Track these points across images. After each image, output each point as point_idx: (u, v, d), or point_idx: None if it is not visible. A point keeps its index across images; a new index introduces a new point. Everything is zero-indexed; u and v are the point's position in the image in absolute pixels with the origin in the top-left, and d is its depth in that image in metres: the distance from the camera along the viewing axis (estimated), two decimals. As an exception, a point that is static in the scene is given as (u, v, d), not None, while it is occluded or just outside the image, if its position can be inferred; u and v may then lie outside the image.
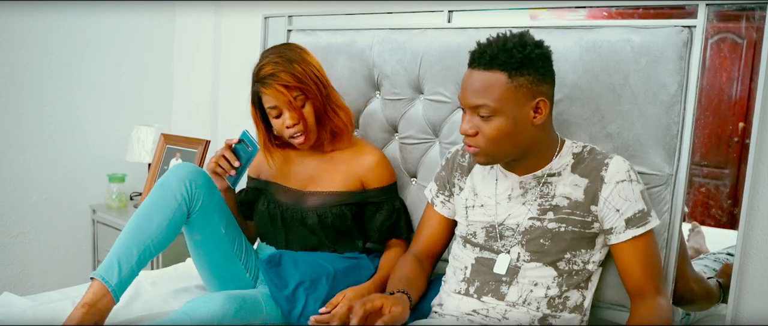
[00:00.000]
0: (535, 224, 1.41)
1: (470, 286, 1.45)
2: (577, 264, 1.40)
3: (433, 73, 1.81)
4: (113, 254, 1.49)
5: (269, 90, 1.64)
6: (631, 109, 1.49)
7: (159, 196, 1.57)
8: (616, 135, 1.51)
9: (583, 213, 1.38)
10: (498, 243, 1.45)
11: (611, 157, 1.39)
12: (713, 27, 1.42)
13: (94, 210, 2.76)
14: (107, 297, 1.45)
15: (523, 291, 1.40)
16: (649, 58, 1.46)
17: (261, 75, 1.66)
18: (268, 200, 1.80)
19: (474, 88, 1.32)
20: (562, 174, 1.41)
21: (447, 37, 1.80)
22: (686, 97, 1.45)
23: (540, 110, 1.33)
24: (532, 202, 1.42)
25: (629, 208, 1.35)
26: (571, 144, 1.44)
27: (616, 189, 1.35)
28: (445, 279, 1.54)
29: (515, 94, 1.30)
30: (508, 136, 1.33)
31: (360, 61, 1.97)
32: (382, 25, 1.99)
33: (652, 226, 1.37)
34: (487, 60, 1.30)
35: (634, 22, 1.52)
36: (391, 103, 1.91)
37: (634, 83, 1.48)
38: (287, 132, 1.68)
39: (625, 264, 1.38)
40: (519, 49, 1.29)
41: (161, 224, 1.54)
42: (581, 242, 1.40)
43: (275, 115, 1.68)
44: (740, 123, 2.30)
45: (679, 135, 1.46)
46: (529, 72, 1.30)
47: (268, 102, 1.67)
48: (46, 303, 1.68)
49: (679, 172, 1.47)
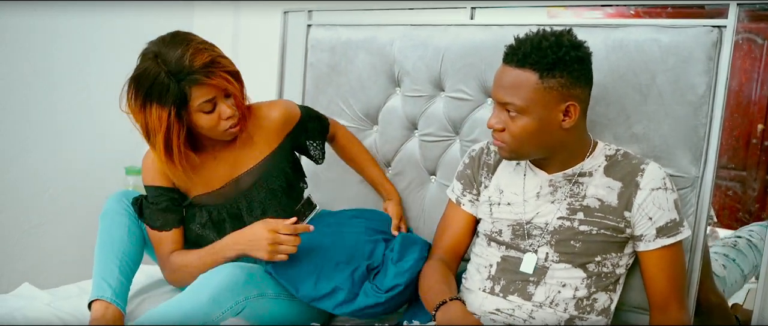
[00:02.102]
0: (565, 224, 1.38)
1: (496, 285, 1.43)
2: (606, 267, 1.38)
3: (455, 70, 1.79)
4: (96, 276, 1.53)
5: (214, 79, 1.45)
6: (657, 109, 1.47)
7: (108, 220, 1.61)
8: (642, 136, 1.49)
9: (616, 217, 1.35)
10: (525, 241, 1.42)
11: (647, 162, 1.37)
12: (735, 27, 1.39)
13: (112, 203, 2.77)
14: (111, 308, 1.46)
15: (551, 292, 1.38)
16: (677, 58, 1.43)
17: (197, 65, 1.43)
18: (205, 210, 1.64)
19: (504, 85, 1.30)
20: (594, 174, 1.39)
21: (469, 34, 1.79)
22: (714, 99, 1.43)
23: (570, 114, 1.30)
24: (562, 201, 1.40)
25: (662, 217, 1.33)
26: (604, 146, 1.42)
27: (651, 196, 1.33)
28: (466, 276, 1.52)
29: (545, 96, 1.27)
30: (533, 136, 1.31)
31: (380, 56, 1.95)
32: (403, 21, 1.97)
33: (682, 237, 1.35)
34: (520, 57, 1.28)
35: (663, 22, 1.50)
36: (411, 99, 1.90)
37: (661, 83, 1.46)
38: (222, 125, 1.51)
39: (651, 273, 1.36)
40: (553, 50, 1.25)
41: (123, 237, 1.57)
42: (612, 246, 1.37)
43: (208, 110, 1.49)
44: (759, 125, 2.27)
45: (706, 137, 1.44)
46: (561, 74, 1.26)
47: (205, 95, 1.46)
48: (65, 297, 1.70)
49: (705, 175, 1.45)
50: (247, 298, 1.45)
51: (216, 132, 1.53)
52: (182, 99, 1.45)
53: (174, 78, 1.44)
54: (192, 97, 1.45)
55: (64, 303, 1.66)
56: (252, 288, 1.47)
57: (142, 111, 1.48)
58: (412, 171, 1.91)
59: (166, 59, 1.45)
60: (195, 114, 1.49)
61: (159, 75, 1.44)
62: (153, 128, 1.48)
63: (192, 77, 1.44)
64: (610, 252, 1.38)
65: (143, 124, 1.51)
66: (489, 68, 1.71)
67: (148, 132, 1.51)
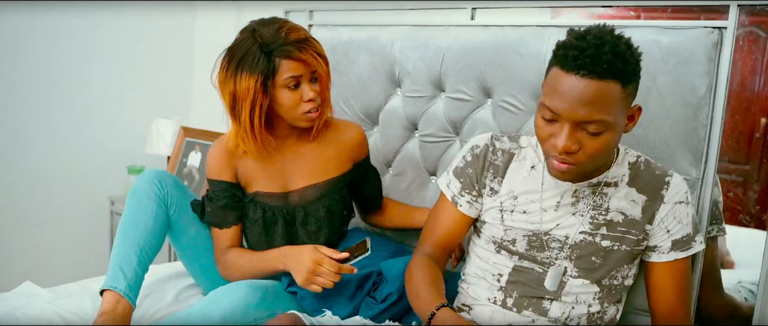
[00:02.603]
0: (587, 239, 1.30)
1: (508, 297, 1.35)
2: (617, 279, 1.34)
3: (456, 70, 1.79)
4: (113, 263, 1.51)
5: (304, 54, 1.49)
6: (658, 111, 1.46)
7: (136, 201, 1.58)
8: (643, 137, 1.49)
9: (638, 232, 1.30)
10: (542, 253, 1.33)
11: (671, 174, 1.31)
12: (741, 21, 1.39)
13: (113, 202, 2.78)
14: (122, 301, 1.46)
15: (566, 308, 1.32)
16: (677, 60, 1.43)
17: (291, 39, 1.49)
18: (261, 207, 1.64)
19: (585, 101, 1.11)
20: (618, 185, 1.31)
21: (470, 35, 1.78)
22: (715, 100, 1.42)
23: (634, 118, 1.20)
24: (585, 213, 1.31)
25: (680, 231, 1.30)
26: (624, 151, 1.33)
27: (673, 210, 1.29)
28: (467, 281, 1.44)
29: (625, 105, 1.15)
30: (610, 150, 1.19)
31: (381, 57, 1.95)
32: (404, 21, 1.97)
33: (695, 251, 1.32)
34: (604, 68, 1.09)
35: (663, 23, 1.50)
36: (411, 100, 1.90)
37: (661, 85, 1.46)
38: (303, 107, 1.53)
39: (659, 284, 1.33)
40: (632, 56, 1.12)
41: (148, 225, 1.55)
42: (627, 259, 1.33)
43: (292, 85, 1.51)
44: (762, 118, 2.26)
45: (707, 138, 1.44)
46: (637, 78, 1.15)
47: (293, 70, 1.50)
48: (66, 296, 1.70)
49: (706, 176, 1.45)
50: (256, 319, 1.45)
51: (295, 113, 1.54)
52: (271, 70, 1.49)
53: (266, 49, 1.49)
54: (279, 70, 1.49)
55: (65, 301, 1.66)
56: (263, 310, 1.47)
57: (232, 79, 1.51)
58: (413, 171, 1.91)
59: (262, 33, 1.51)
60: (279, 89, 1.51)
61: (253, 46, 1.50)
62: (241, 96, 1.51)
63: (283, 49, 1.48)
64: (624, 264, 1.33)
65: (231, 93, 1.53)
66: (489, 69, 1.71)
67: (235, 101, 1.53)
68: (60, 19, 2.56)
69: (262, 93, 1.50)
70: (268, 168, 1.64)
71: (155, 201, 1.58)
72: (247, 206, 1.65)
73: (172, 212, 1.61)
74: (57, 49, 2.57)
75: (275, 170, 1.64)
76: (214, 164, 1.64)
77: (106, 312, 1.44)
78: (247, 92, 1.50)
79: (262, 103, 1.51)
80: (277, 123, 1.61)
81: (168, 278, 1.89)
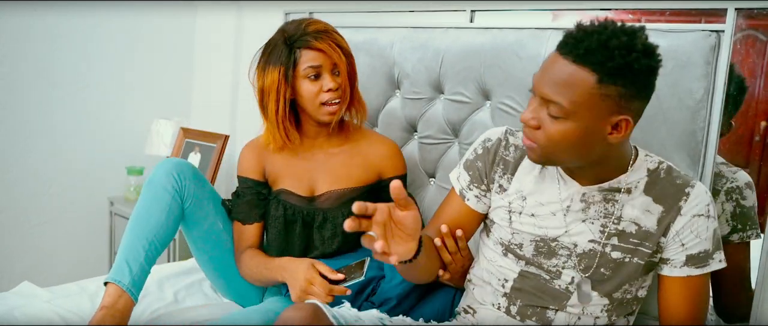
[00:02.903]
0: (596, 248, 1.24)
1: (511, 304, 1.31)
2: (630, 293, 1.28)
3: (455, 72, 1.79)
4: (120, 255, 1.50)
5: (322, 44, 1.55)
6: (655, 114, 1.47)
7: (151, 192, 1.57)
8: (640, 140, 1.48)
9: (652, 244, 1.23)
10: (549, 261, 1.28)
11: (693, 184, 1.22)
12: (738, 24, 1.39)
13: (112, 203, 2.78)
14: (124, 297, 1.45)
15: (571, 319, 1.27)
16: (675, 63, 1.43)
17: (310, 29, 1.56)
18: (283, 205, 1.67)
19: (553, 79, 1.09)
20: (632, 192, 1.23)
21: (469, 37, 1.79)
22: (712, 103, 1.42)
23: (620, 128, 1.11)
24: (595, 221, 1.24)
25: (696, 246, 1.21)
26: (644, 157, 1.25)
27: (691, 223, 1.20)
28: (473, 282, 1.41)
29: (597, 103, 1.07)
30: (573, 145, 1.12)
31: (380, 58, 1.96)
32: (403, 23, 1.98)
33: (712, 269, 1.22)
34: (582, 52, 1.05)
35: (661, 26, 1.50)
36: (411, 102, 1.90)
37: (659, 88, 1.43)
38: (324, 97, 1.57)
39: (670, 300, 1.24)
40: (622, 53, 1.04)
41: (160, 218, 1.54)
42: (640, 271, 1.26)
43: (313, 75, 1.56)
44: (762, 122, 2.26)
45: (704, 141, 1.44)
46: (624, 83, 1.06)
47: (312, 60, 1.56)
48: (64, 296, 1.70)
49: (703, 179, 1.45)
50: None
51: (314, 104, 1.58)
52: (292, 61, 1.56)
53: (288, 41, 1.56)
54: (300, 60, 1.56)
55: (63, 301, 1.67)
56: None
57: (262, 74, 1.60)
58: (411, 173, 1.91)
59: (287, 29, 1.60)
60: (300, 79, 1.57)
61: (278, 41, 1.58)
62: (267, 89, 1.59)
63: (302, 39, 1.55)
64: (638, 277, 1.26)
65: (260, 88, 1.61)
66: (488, 71, 1.71)
67: (263, 94, 1.61)
68: (60, 19, 2.56)
69: (284, 83, 1.56)
70: (295, 167, 1.68)
71: (171, 194, 1.57)
72: (271, 203, 1.68)
73: (188, 204, 1.61)
74: (57, 49, 2.57)
75: (302, 171, 1.68)
76: (243, 162, 1.71)
77: (107, 307, 1.43)
78: (273, 84, 1.57)
79: (286, 93, 1.57)
80: (305, 120, 1.66)
81: (167, 278, 1.90)
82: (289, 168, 1.68)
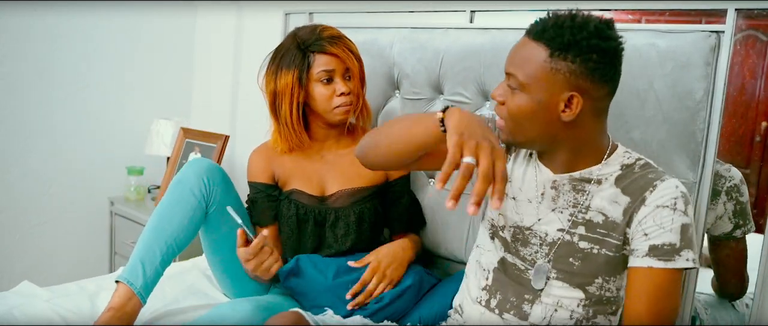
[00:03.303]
0: (565, 238, 1.26)
1: (492, 298, 1.33)
2: (609, 291, 1.26)
3: (454, 73, 1.79)
4: (136, 256, 1.49)
5: (336, 49, 1.61)
6: (655, 114, 1.47)
7: (178, 193, 1.56)
8: (640, 141, 1.49)
9: (619, 235, 1.22)
10: (525, 249, 1.31)
11: (664, 179, 1.21)
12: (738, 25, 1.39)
13: (112, 203, 2.78)
14: (133, 300, 1.44)
15: (547, 312, 1.27)
16: (675, 64, 1.43)
17: (325, 35, 1.62)
18: (294, 205, 1.70)
19: (514, 54, 1.21)
20: (602, 183, 1.24)
21: (469, 38, 1.79)
22: (712, 104, 1.42)
23: (571, 106, 1.16)
24: (564, 210, 1.27)
25: (659, 236, 1.17)
26: (623, 152, 1.27)
27: (653, 213, 1.18)
28: (467, 273, 1.44)
29: (549, 77, 1.15)
30: (528, 119, 1.19)
31: (380, 59, 1.96)
32: (403, 23, 1.98)
33: (676, 266, 1.16)
34: (538, 30, 1.16)
35: (661, 27, 1.50)
36: (410, 102, 1.90)
37: (659, 88, 1.46)
38: (336, 101, 1.63)
39: (631, 292, 1.19)
40: (573, 31, 1.13)
41: (182, 222, 1.53)
42: (617, 267, 1.25)
43: (325, 79, 1.62)
44: (763, 122, 2.26)
45: (704, 142, 1.44)
46: (573, 59, 1.13)
47: (326, 65, 1.61)
48: (64, 295, 1.70)
49: (703, 180, 1.45)
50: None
51: (327, 107, 1.63)
52: (306, 65, 1.61)
53: (302, 46, 1.62)
54: (314, 64, 1.61)
55: (63, 300, 1.67)
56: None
57: (273, 77, 1.64)
58: (412, 173, 1.91)
59: (300, 34, 1.64)
60: (313, 83, 1.62)
61: (291, 46, 1.63)
62: (280, 92, 1.63)
63: (316, 44, 1.61)
64: (615, 273, 1.25)
65: (272, 91, 1.65)
66: (488, 72, 1.71)
67: (275, 97, 1.65)
68: (60, 19, 2.56)
69: (298, 86, 1.61)
70: (306, 168, 1.72)
71: (197, 198, 1.56)
72: (283, 203, 1.71)
73: (212, 210, 1.59)
74: (57, 49, 2.58)
75: (313, 171, 1.72)
76: (253, 167, 1.75)
77: (115, 308, 1.42)
78: (286, 87, 1.62)
79: (299, 96, 1.62)
80: (314, 122, 1.70)
81: (167, 277, 1.89)
82: (298, 170, 1.72)
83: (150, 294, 1.48)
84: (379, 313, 1.53)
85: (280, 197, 1.74)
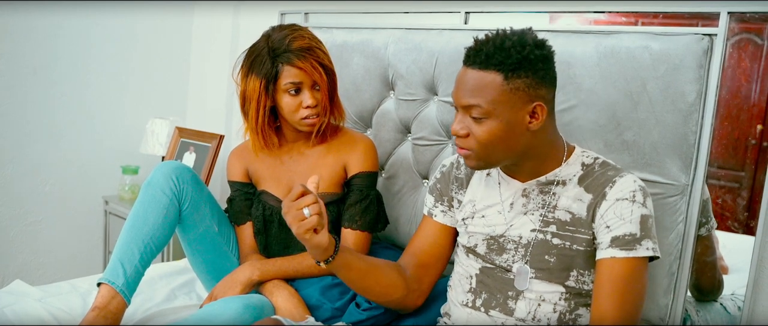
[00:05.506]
0: (538, 237, 1.31)
1: (477, 298, 1.37)
2: (586, 284, 1.31)
3: (448, 74, 1.79)
4: (115, 257, 1.51)
5: (303, 63, 1.57)
6: (648, 116, 1.47)
7: (149, 195, 1.58)
8: (632, 143, 1.49)
9: (586, 230, 1.28)
10: (501, 256, 1.35)
11: (623, 175, 1.28)
12: (732, 28, 1.39)
13: (107, 201, 2.78)
14: (117, 298, 1.45)
15: (531, 307, 1.31)
16: (668, 66, 1.44)
17: (294, 46, 1.57)
18: (262, 205, 1.71)
19: (467, 88, 1.23)
20: (567, 184, 1.31)
21: (463, 39, 1.78)
22: (705, 106, 1.42)
23: (537, 115, 1.24)
24: (534, 212, 1.33)
25: (620, 228, 1.23)
26: (581, 153, 1.35)
27: (613, 206, 1.25)
28: (451, 285, 1.48)
29: (510, 97, 1.21)
30: (501, 140, 1.24)
31: (375, 60, 1.96)
32: (398, 24, 1.98)
33: (638, 255, 1.22)
34: (483, 59, 1.21)
35: (654, 29, 1.50)
36: (405, 103, 1.90)
37: (651, 91, 1.46)
38: (302, 113, 1.60)
39: (598, 283, 1.24)
40: (517, 49, 1.19)
41: (157, 221, 1.55)
42: (589, 260, 1.29)
43: (293, 91, 1.59)
44: (758, 125, 2.26)
45: (697, 144, 1.44)
46: (526, 74, 1.20)
47: (293, 77, 1.58)
48: (55, 294, 1.70)
49: (695, 182, 1.45)
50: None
51: (294, 118, 1.62)
52: (273, 75, 1.58)
53: (272, 54, 1.58)
54: (281, 75, 1.58)
55: (54, 299, 1.67)
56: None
57: (244, 79, 1.63)
58: (405, 174, 1.91)
59: (273, 38, 1.60)
60: (280, 93, 1.60)
61: (263, 49, 1.59)
62: (249, 96, 1.62)
63: (285, 55, 1.57)
64: (589, 267, 1.30)
65: (242, 92, 1.65)
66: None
67: (244, 99, 1.64)
68: (56, 19, 2.56)
69: (264, 94, 1.60)
70: (276, 168, 1.72)
71: (169, 197, 1.58)
72: (254, 203, 1.72)
73: (185, 208, 1.61)
74: (53, 49, 2.57)
75: (282, 172, 1.71)
76: (230, 166, 1.78)
77: (99, 307, 1.43)
78: (253, 93, 1.60)
79: (265, 104, 1.61)
80: (285, 125, 1.69)
81: (160, 277, 1.90)
82: (269, 170, 1.73)
83: (133, 293, 1.49)
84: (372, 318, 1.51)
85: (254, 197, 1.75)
